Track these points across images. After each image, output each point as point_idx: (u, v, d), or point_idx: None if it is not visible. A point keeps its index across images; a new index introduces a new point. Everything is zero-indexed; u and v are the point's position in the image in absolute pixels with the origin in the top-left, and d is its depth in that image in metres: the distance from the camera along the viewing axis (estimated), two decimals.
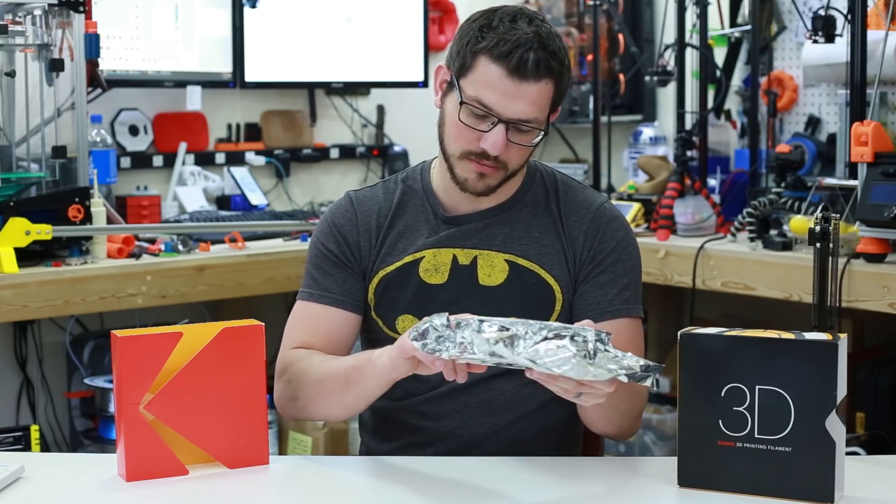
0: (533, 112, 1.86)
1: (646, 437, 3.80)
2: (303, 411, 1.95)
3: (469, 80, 1.86)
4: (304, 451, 3.63)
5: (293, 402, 1.94)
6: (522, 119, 1.86)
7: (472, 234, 1.98)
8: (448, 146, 1.93)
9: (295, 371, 1.95)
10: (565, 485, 1.75)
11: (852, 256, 2.90)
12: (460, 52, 1.88)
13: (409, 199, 2.03)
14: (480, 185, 1.92)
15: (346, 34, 4.07)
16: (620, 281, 1.96)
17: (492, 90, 1.84)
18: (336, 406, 1.90)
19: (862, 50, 3.02)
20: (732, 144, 3.96)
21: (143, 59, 3.69)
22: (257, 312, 2.45)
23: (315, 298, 2.00)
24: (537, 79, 1.84)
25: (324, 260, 2.01)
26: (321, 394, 1.90)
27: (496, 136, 1.86)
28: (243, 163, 3.98)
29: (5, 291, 2.93)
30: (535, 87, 1.85)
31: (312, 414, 1.97)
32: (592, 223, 1.99)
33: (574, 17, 4.33)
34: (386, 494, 1.75)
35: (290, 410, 1.97)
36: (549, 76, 1.86)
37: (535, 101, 1.85)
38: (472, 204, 1.98)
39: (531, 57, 1.82)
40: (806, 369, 1.60)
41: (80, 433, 3.48)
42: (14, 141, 3.11)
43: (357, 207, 2.03)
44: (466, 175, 1.92)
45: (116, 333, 1.72)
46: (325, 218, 2.06)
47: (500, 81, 1.84)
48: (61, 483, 1.76)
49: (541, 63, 1.83)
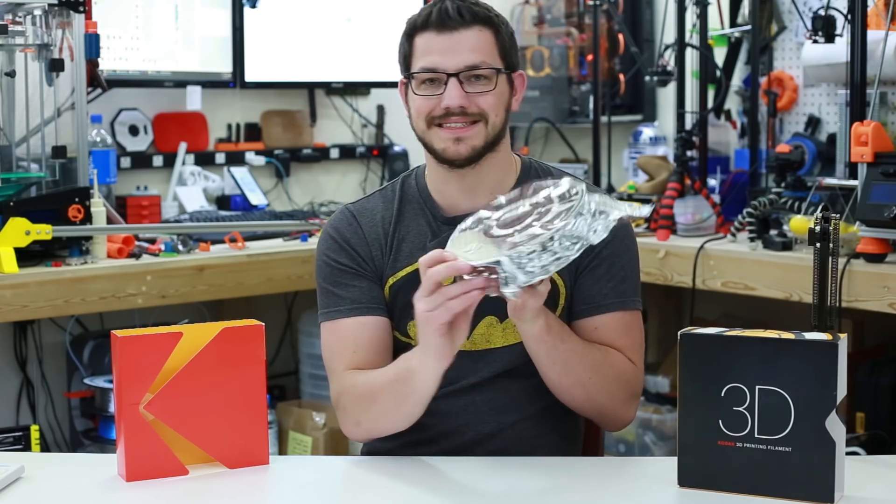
0: (477, 57, 1.90)
1: (646, 437, 3.80)
2: (373, 431, 1.94)
3: (413, 62, 1.94)
4: (304, 451, 3.63)
5: (358, 427, 1.92)
6: (469, 65, 1.89)
7: None
8: (417, 125, 1.96)
9: (347, 398, 1.93)
10: (565, 485, 1.75)
11: (852, 256, 2.90)
12: (401, 51, 1.97)
13: (407, 206, 2.02)
14: (461, 147, 1.91)
15: (346, 34, 4.07)
16: (618, 274, 1.97)
17: (430, 52, 1.91)
18: (399, 419, 1.88)
19: (862, 50, 3.02)
20: (732, 144, 3.96)
21: (143, 59, 3.69)
22: (257, 312, 2.45)
23: (345, 314, 1.96)
24: (465, 25, 1.90)
25: (341, 274, 1.98)
26: (380, 414, 1.88)
27: (451, 89, 1.89)
28: (243, 163, 3.98)
29: (5, 291, 2.93)
30: (468, 33, 1.90)
31: (383, 431, 1.93)
32: None
33: (574, 17, 4.33)
34: (386, 494, 1.75)
35: (359, 434, 1.95)
36: (478, 22, 1.91)
37: (475, 46, 1.90)
38: (469, 201, 1.97)
39: (450, 7, 1.90)
40: (806, 369, 1.60)
41: (80, 433, 3.48)
42: (14, 141, 3.11)
43: (360, 219, 2.02)
44: (444, 145, 1.92)
45: (116, 333, 1.72)
46: (328, 234, 2.03)
47: (433, 41, 1.91)
48: (61, 483, 1.76)
49: (462, 10, 1.90)
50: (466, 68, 1.89)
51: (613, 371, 1.92)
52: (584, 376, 1.88)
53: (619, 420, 1.97)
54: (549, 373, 1.88)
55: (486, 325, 1.94)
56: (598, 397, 1.91)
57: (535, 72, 4.29)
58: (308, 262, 3.43)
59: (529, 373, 1.90)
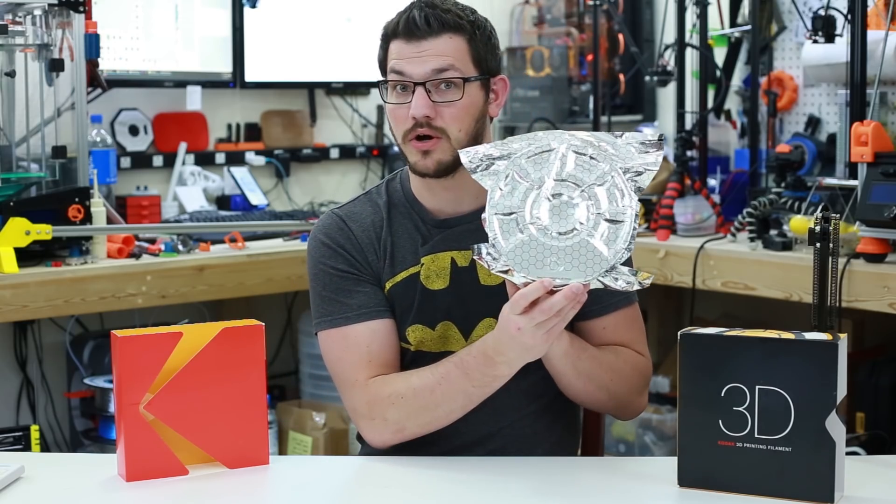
0: (445, 62, 1.88)
1: (646, 437, 3.80)
2: (415, 434, 1.91)
3: (388, 69, 1.93)
4: (304, 451, 3.63)
5: (400, 433, 1.89)
6: (435, 69, 1.88)
7: (466, 235, 1.96)
8: (395, 137, 1.96)
9: (388, 408, 1.88)
10: (565, 485, 1.75)
11: (852, 256, 2.90)
12: (378, 58, 1.96)
13: (394, 209, 2.01)
14: (429, 162, 1.91)
15: (346, 34, 4.07)
16: None
17: (398, 60, 1.91)
18: (457, 413, 1.88)
19: (862, 50, 3.01)
20: (732, 144, 3.96)
21: (143, 59, 3.69)
22: (257, 312, 2.45)
23: (353, 320, 1.93)
24: (434, 34, 1.89)
25: (342, 281, 1.95)
26: (440, 416, 1.87)
27: (417, 98, 1.88)
28: (243, 163, 3.98)
29: (5, 291, 2.93)
30: (437, 42, 1.89)
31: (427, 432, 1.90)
32: None
33: (574, 17, 4.33)
34: (386, 494, 1.75)
35: (397, 439, 1.91)
36: (447, 30, 1.89)
37: (441, 53, 1.89)
38: (455, 205, 1.97)
39: (416, 15, 1.89)
40: (806, 369, 1.60)
41: (80, 433, 3.48)
42: (14, 141, 3.11)
43: (350, 224, 2.00)
44: (415, 158, 1.92)
45: (116, 333, 1.72)
46: (320, 241, 1.99)
47: (401, 49, 1.90)
48: (61, 483, 1.76)
49: (430, 18, 1.89)
50: (434, 72, 1.88)
51: (629, 367, 1.96)
52: (605, 379, 1.92)
53: (637, 409, 2.01)
54: (576, 383, 1.91)
55: (484, 326, 1.94)
56: (619, 394, 1.95)
57: (535, 72, 4.29)
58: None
59: (527, 373, 1.90)
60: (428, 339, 1.96)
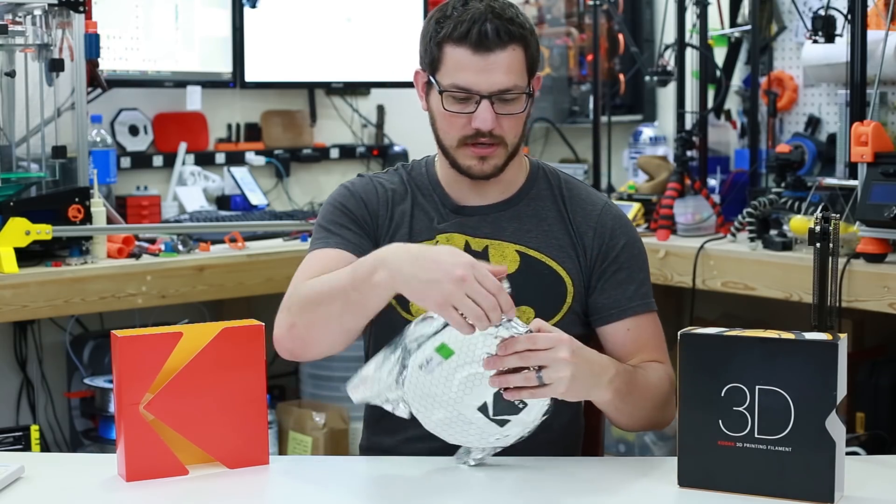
0: (510, 80, 1.90)
1: (646, 437, 3.80)
2: (300, 341, 1.87)
3: (442, 72, 1.92)
4: (304, 451, 3.63)
5: (291, 330, 1.86)
6: (502, 89, 1.90)
7: (482, 224, 2.00)
8: (444, 140, 1.97)
9: (294, 299, 1.88)
10: (565, 485, 1.75)
11: (852, 256, 2.90)
12: (427, 49, 1.95)
13: (418, 188, 2.05)
14: (486, 167, 1.95)
15: (346, 34, 4.07)
16: (637, 277, 2.01)
17: (464, 71, 1.90)
18: (333, 322, 1.82)
19: (862, 50, 3.01)
20: (732, 144, 3.96)
21: (143, 59, 3.69)
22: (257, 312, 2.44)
23: (331, 245, 1.96)
24: (502, 47, 1.89)
25: (342, 217, 2.00)
26: (319, 318, 1.82)
27: (483, 112, 1.90)
28: (243, 163, 3.98)
29: (5, 291, 2.93)
30: (503, 55, 1.89)
31: (310, 342, 1.86)
32: (599, 220, 2.02)
33: (574, 17, 4.33)
34: (386, 494, 1.75)
35: (286, 342, 1.88)
36: (514, 42, 1.90)
37: (509, 68, 1.90)
38: (479, 198, 2.02)
39: (489, 28, 1.88)
40: (806, 369, 1.60)
41: (80, 433, 3.48)
42: (14, 141, 3.11)
43: (376, 184, 2.05)
44: (469, 162, 1.95)
45: (116, 333, 1.72)
46: (344, 187, 2.05)
47: (468, 61, 1.89)
48: (61, 483, 1.76)
49: (500, 31, 1.89)
50: (499, 92, 1.90)
51: (662, 387, 1.95)
52: (647, 407, 1.92)
53: (669, 421, 1.98)
54: (620, 419, 1.92)
55: None
56: (656, 416, 1.95)
57: None
58: None
59: None
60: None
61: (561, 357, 1.71)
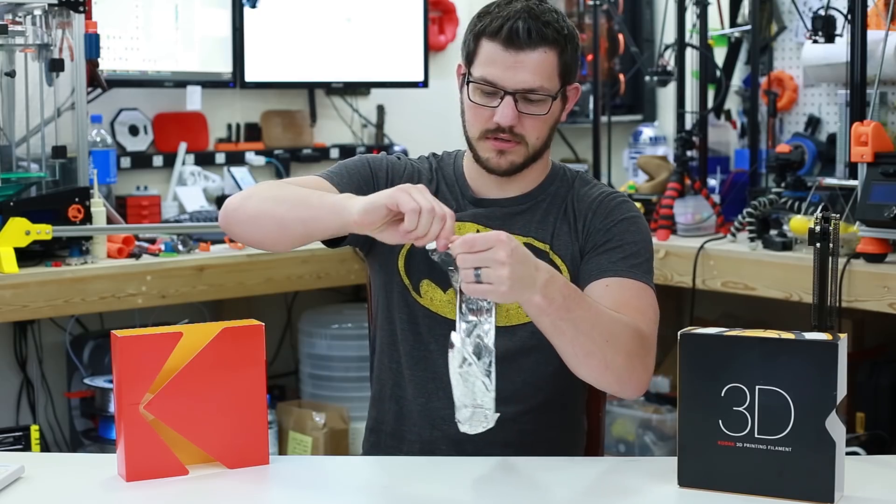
0: (537, 81, 1.92)
1: (646, 437, 3.81)
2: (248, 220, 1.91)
3: (475, 64, 1.96)
4: (304, 451, 3.63)
5: (245, 201, 1.91)
6: (527, 89, 1.92)
7: (495, 217, 2.02)
8: (469, 131, 2.00)
9: (262, 185, 1.97)
10: (565, 485, 1.75)
11: (852, 256, 2.90)
12: (466, 42, 1.99)
13: (443, 177, 2.09)
14: (503, 161, 1.97)
15: (346, 34, 4.07)
16: (629, 249, 1.97)
17: (493, 65, 1.92)
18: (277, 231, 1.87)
19: (862, 50, 3.02)
20: (732, 144, 3.96)
21: (143, 59, 3.69)
22: (257, 312, 2.44)
23: (330, 180, 1.99)
24: (532, 47, 1.91)
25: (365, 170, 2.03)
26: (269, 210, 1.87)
27: (505, 107, 1.92)
28: (243, 163, 3.98)
29: (5, 291, 2.93)
30: (533, 55, 1.91)
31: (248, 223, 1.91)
32: (601, 204, 2.02)
33: (574, 17, 4.33)
34: (386, 494, 1.75)
35: (236, 212, 1.92)
36: (545, 44, 1.92)
37: (536, 69, 1.92)
38: (499, 191, 2.04)
39: (521, 26, 1.90)
40: (806, 369, 1.60)
41: (80, 433, 3.48)
42: (14, 141, 3.11)
43: (408, 165, 2.09)
44: (488, 154, 1.98)
45: (116, 333, 1.72)
46: (382, 153, 2.10)
47: (498, 55, 1.92)
48: (61, 483, 1.76)
49: (532, 31, 1.91)
50: (524, 91, 1.92)
51: (620, 327, 1.84)
52: (596, 340, 1.79)
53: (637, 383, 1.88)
54: (560, 344, 1.80)
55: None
56: (609, 357, 1.81)
57: None
58: (308, 262, 3.43)
59: (527, 359, 1.92)
60: (437, 300, 2.00)
61: (498, 257, 1.66)
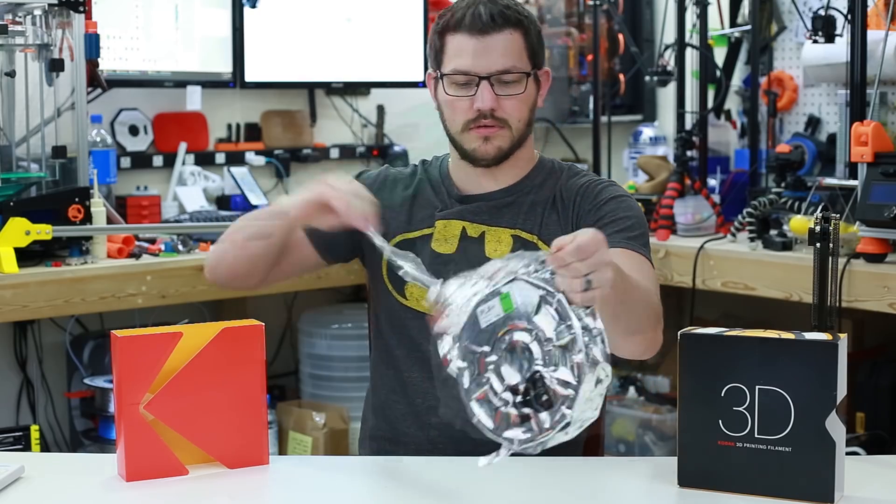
0: (508, 61, 1.96)
1: (646, 437, 3.81)
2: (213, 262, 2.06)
3: (445, 61, 1.99)
4: (304, 451, 3.63)
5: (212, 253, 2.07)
6: (500, 70, 1.95)
7: (482, 211, 2.04)
8: (451, 127, 2.02)
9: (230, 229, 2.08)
10: (565, 485, 1.75)
11: (852, 256, 2.90)
12: (431, 44, 2.03)
13: (429, 180, 2.11)
14: (490, 147, 1.99)
15: (346, 34, 4.06)
16: (622, 224, 1.96)
17: (462, 55, 1.96)
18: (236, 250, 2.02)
19: (862, 50, 3.02)
20: (732, 144, 3.96)
21: (143, 59, 3.69)
22: (257, 312, 2.45)
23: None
24: (497, 30, 1.95)
25: None
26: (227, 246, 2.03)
27: (483, 91, 1.96)
28: (243, 163, 3.98)
29: (5, 291, 2.93)
30: (499, 37, 1.95)
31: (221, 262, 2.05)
32: (588, 188, 2.02)
33: (574, 17, 4.33)
34: (386, 494, 1.75)
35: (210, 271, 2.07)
36: (509, 26, 1.96)
37: (505, 50, 1.96)
38: (485, 186, 2.06)
39: (482, 11, 1.95)
40: (806, 369, 1.60)
41: (80, 433, 3.48)
42: (14, 141, 3.11)
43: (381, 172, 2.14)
44: (474, 145, 2.00)
45: (116, 333, 1.72)
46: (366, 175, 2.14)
47: (465, 44, 1.96)
48: (61, 483, 1.76)
49: (494, 15, 1.95)
50: (498, 72, 1.95)
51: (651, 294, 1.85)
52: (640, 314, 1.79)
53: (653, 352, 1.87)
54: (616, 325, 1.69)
55: None
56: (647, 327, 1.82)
57: None
58: None
59: None
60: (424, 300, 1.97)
61: (605, 258, 1.54)
